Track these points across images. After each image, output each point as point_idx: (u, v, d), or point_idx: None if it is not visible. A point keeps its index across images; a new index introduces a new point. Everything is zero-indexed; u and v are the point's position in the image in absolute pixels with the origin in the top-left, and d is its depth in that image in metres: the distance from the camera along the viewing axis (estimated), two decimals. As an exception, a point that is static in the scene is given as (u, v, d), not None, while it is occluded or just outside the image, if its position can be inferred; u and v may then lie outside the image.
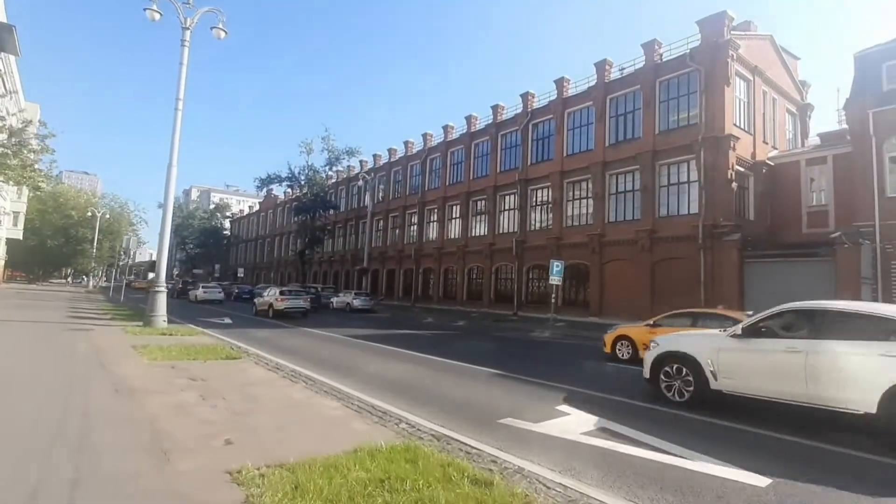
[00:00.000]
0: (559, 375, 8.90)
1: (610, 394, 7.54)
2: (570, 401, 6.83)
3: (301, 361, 9.63)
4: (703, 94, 20.60)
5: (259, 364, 8.58)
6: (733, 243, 19.27)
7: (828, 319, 5.89)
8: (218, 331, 15.08)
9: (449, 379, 8.56)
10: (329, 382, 7.18)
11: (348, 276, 45.49)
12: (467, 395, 7.28)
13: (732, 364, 6.39)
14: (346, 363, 10.06)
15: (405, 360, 10.68)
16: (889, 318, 5.50)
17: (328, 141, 43.18)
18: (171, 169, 13.62)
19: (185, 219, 78.28)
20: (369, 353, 11.90)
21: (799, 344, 5.84)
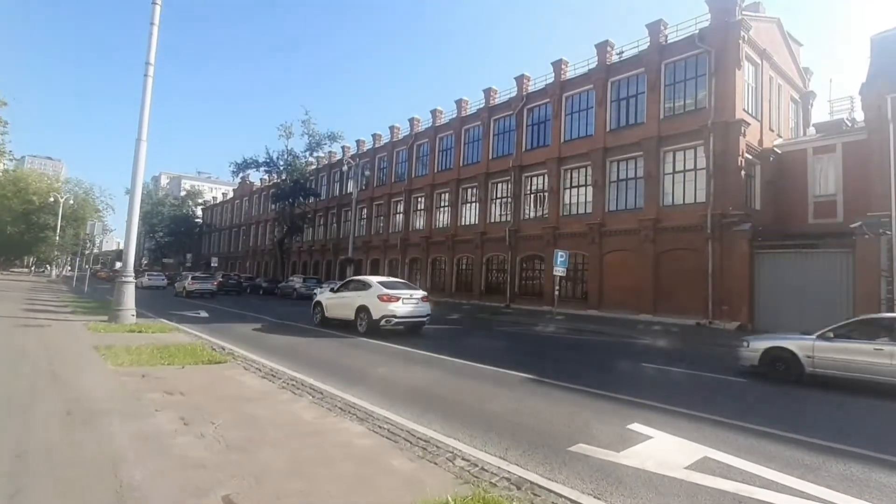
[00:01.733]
0: (604, 382, 7.77)
1: (681, 406, 6.40)
2: (641, 417, 5.68)
3: (298, 365, 8.24)
4: (712, 77, 19.72)
5: (250, 369, 7.16)
6: (743, 233, 18.57)
7: None
8: (194, 326, 13.44)
9: (476, 386, 7.29)
10: (340, 395, 5.84)
11: (330, 266, 43.71)
12: (509, 409, 6.01)
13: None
14: (349, 366, 8.70)
15: (415, 361, 9.40)
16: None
17: (309, 125, 41.13)
18: (139, 144, 11.86)
19: (154, 206, 74.40)
20: (370, 352, 10.56)
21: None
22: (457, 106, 32.84)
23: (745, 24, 19.48)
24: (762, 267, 18.42)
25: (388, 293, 13.42)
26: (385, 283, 14.24)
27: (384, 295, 13.32)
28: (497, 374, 8.23)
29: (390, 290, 13.66)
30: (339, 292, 15.31)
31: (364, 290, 13.95)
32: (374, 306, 13.27)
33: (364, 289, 13.99)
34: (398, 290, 13.91)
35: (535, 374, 8.11)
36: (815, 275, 17.14)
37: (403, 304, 13.43)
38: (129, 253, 12.34)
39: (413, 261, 35.44)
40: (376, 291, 13.49)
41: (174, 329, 11.83)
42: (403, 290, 14.09)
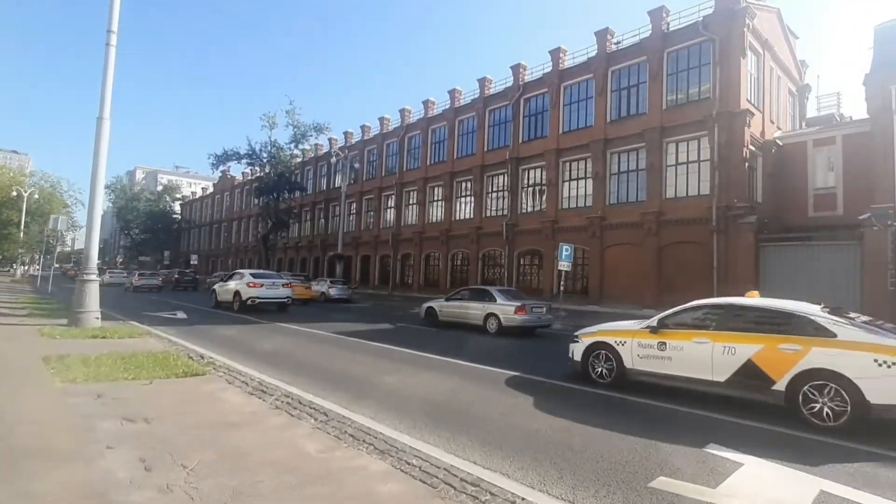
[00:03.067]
0: (639, 388, 6.82)
1: (740, 416, 5.47)
2: (709, 434, 4.72)
3: (291, 374, 7.13)
4: (716, 66, 19.02)
5: (234, 383, 6.00)
6: (749, 226, 17.94)
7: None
8: (169, 329, 12.15)
9: (502, 397, 6.25)
10: (349, 416, 4.75)
11: (318, 263, 42.26)
12: (554, 427, 4.95)
13: None
14: (350, 374, 7.59)
15: (425, 367, 8.32)
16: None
17: (293, 115, 39.38)
18: (102, 123, 10.50)
19: (128, 201, 71.53)
20: (371, 355, 9.46)
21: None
22: (450, 96, 31.71)
23: (751, 12, 18.83)
24: (768, 260, 17.83)
25: (254, 281, 18.61)
26: (254, 274, 19.68)
27: (252, 282, 18.48)
28: (518, 380, 7.22)
29: (257, 278, 18.93)
30: (224, 281, 20.59)
31: (240, 279, 19.29)
32: (243, 291, 18.40)
33: (240, 278, 19.34)
34: (264, 278, 19.18)
35: (558, 379, 7.12)
36: (822, 267, 16.60)
37: (268, 289, 18.46)
38: (91, 247, 10.97)
39: (405, 256, 34.28)
40: (247, 280, 18.75)
41: (145, 333, 10.52)
42: (268, 279, 19.37)
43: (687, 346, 6.40)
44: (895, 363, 4.97)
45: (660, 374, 6.60)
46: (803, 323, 5.75)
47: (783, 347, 5.64)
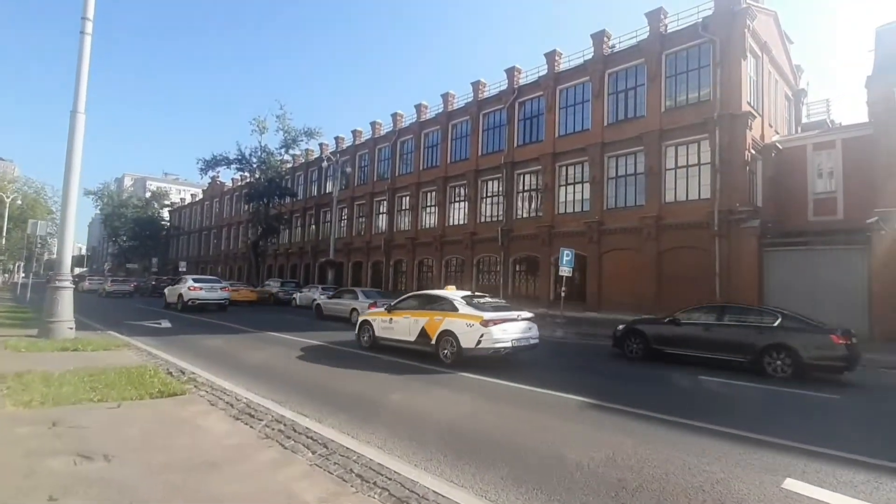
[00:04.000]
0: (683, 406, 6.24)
1: (807, 441, 4.85)
2: (782, 466, 4.13)
3: (283, 392, 6.48)
4: (717, 68, 18.75)
5: (217, 405, 5.33)
6: (752, 230, 17.60)
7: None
8: (150, 340, 11.41)
9: (528, 417, 5.53)
10: (354, 447, 4.06)
11: (308, 269, 41.42)
12: (600, 458, 4.23)
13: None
14: (350, 390, 6.92)
15: (435, 382, 7.65)
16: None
17: (284, 120, 38.74)
18: (76, 117, 9.80)
19: (115, 208, 69.97)
20: (372, 368, 8.79)
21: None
22: (443, 100, 31.28)
23: (751, 13, 18.62)
24: (772, 265, 17.48)
25: (195, 285, 21.96)
26: (195, 279, 23.12)
27: (192, 286, 21.80)
28: (545, 397, 6.54)
29: (197, 282, 22.30)
30: (173, 285, 23.86)
31: (184, 283, 22.53)
32: (185, 293, 21.51)
33: (184, 282, 22.59)
34: (203, 283, 22.54)
35: (594, 398, 6.42)
36: (828, 272, 16.28)
37: (206, 292, 21.83)
38: (64, 250, 10.23)
39: (398, 263, 33.63)
40: (189, 284, 22.01)
41: (123, 345, 9.77)
42: (207, 283, 22.61)
43: (399, 320, 10.65)
44: (472, 325, 9.14)
45: (389, 338, 10.86)
46: (447, 304, 9.91)
47: (436, 318, 9.79)
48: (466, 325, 9.21)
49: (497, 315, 9.47)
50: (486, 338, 8.95)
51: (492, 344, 8.97)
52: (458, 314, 9.51)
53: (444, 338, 9.48)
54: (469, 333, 9.11)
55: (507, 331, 9.29)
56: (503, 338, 9.14)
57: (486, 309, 9.64)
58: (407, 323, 10.28)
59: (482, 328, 9.01)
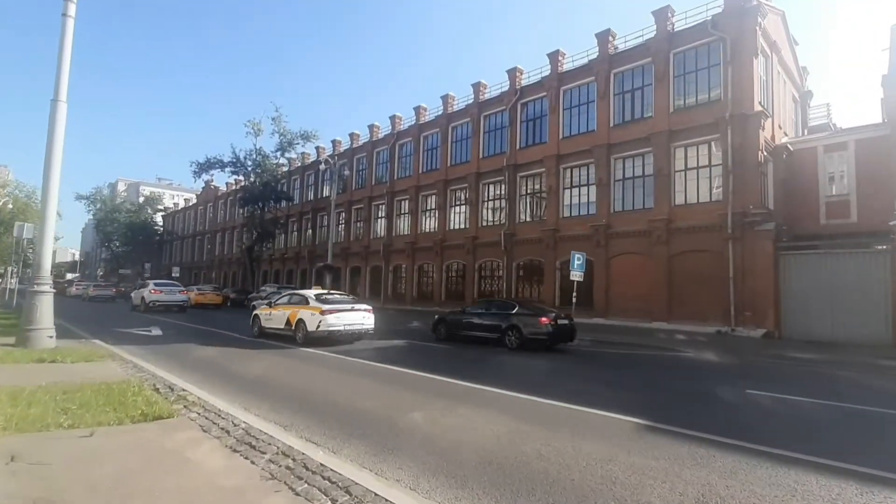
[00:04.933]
0: (743, 428, 5.50)
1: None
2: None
3: (288, 412, 5.76)
4: (728, 67, 18.28)
5: (211, 431, 4.58)
6: (767, 233, 17.05)
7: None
8: (138, 349, 10.61)
9: (590, 448, 4.68)
10: (383, 493, 3.27)
11: (305, 274, 40.54)
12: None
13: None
14: (364, 410, 6.11)
15: (458, 398, 6.78)
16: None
17: (279, 122, 38.11)
18: (57, 106, 9.08)
19: (108, 213, 68.71)
20: (383, 382, 8.02)
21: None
22: (443, 102, 30.71)
23: (762, 11, 18.19)
24: (788, 269, 16.92)
25: (156, 289, 25.23)
26: (157, 283, 26.90)
27: (154, 290, 24.96)
28: (599, 419, 5.66)
29: (158, 286, 25.71)
30: (138, 290, 27.06)
31: (146, 287, 25.71)
32: (147, 296, 24.66)
33: (146, 287, 25.85)
34: (164, 286, 26.02)
35: (644, 418, 5.59)
36: (848, 275, 15.73)
37: (166, 295, 24.89)
38: (43, 251, 9.41)
39: (396, 268, 32.89)
40: (150, 288, 25.23)
41: (106, 355, 8.96)
42: (167, 287, 26.09)
43: (276, 313, 13.82)
44: (314, 314, 12.36)
45: (270, 327, 13.86)
46: (304, 299, 13.24)
47: (296, 310, 12.96)
48: (311, 314, 12.57)
49: (334, 307, 12.71)
50: (323, 323, 12.25)
51: (327, 328, 12.28)
52: (308, 307, 12.87)
53: (299, 324, 12.76)
54: (312, 320, 12.45)
55: (340, 318, 12.54)
56: (336, 323, 12.43)
57: (328, 303, 12.88)
58: (280, 314, 13.64)
59: (321, 316, 12.34)
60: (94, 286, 38.50)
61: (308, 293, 13.84)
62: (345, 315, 12.61)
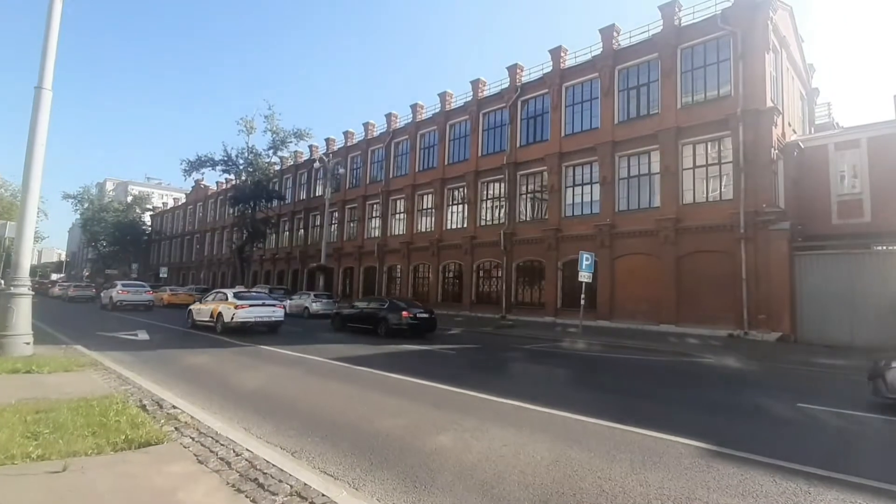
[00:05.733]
0: (809, 453, 4.90)
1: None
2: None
3: (296, 434, 5.03)
4: (739, 61, 17.83)
5: (209, 462, 3.83)
6: (782, 233, 16.58)
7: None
8: (124, 356, 9.78)
9: (658, 480, 4.07)
10: None
11: (297, 275, 39.61)
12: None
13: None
14: (384, 431, 5.32)
15: (487, 415, 6.02)
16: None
17: (272, 120, 37.06)
18: (41, 94, 8.25)
19: (96, 212, 66.90)
20: (399, 395, 7.20)
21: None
22: (440, 99, 30.01)
23: (773, 5, 17.77)
24: (804, 270, 16.44)
25: (123, 289, 26.97)
26: (124, 284, 28.61)
27: (121, 290, 26.83)
28: (652, 442, 4.94)
29: (125, 287, 27.53)
30: (108, 290, 28.66)
31: (114, 288, 27.48)
32: (115, 296, 26.18)
33: (114, 287, 27.64)
34: (130, 287, 27.82)
35: (703, 441, 4.91)
36: (867, 277, 15.26)
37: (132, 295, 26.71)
38: (22, 251, 8.55)
39: (391, 268, 32.10)
40: (118, 289, 26.87)
41: (88, 364, 8.13)
42: (133, 287, 27.86)
43: (203, 308, 16.59)
44: (230, 308, 15.24)
45: (200, 319, 16.52)
46: (224, 296, 16.23)
47: (217, 305, 15.77)
48: (228, 308, 15.40)
49: (246, 303, 15.72)
50: (236, 316, 15.18)
51: (240, 319, 15.20)
52: (226, 302, 15.69)
53: (218, 316, 15.55)
54: (228, 313, 15.30)
55: (251, 312, 15.53)
56: (247, 316, 15.37)
57: (242, 299, 15.98)
58: (206, 309, 16.42)
59: (235, 310, 15.27)
60: (75, 286, 38.47)
61: (228, 291, 17.07)
62: (255, 309, 15.70)
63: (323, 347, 12.71)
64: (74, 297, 35.44)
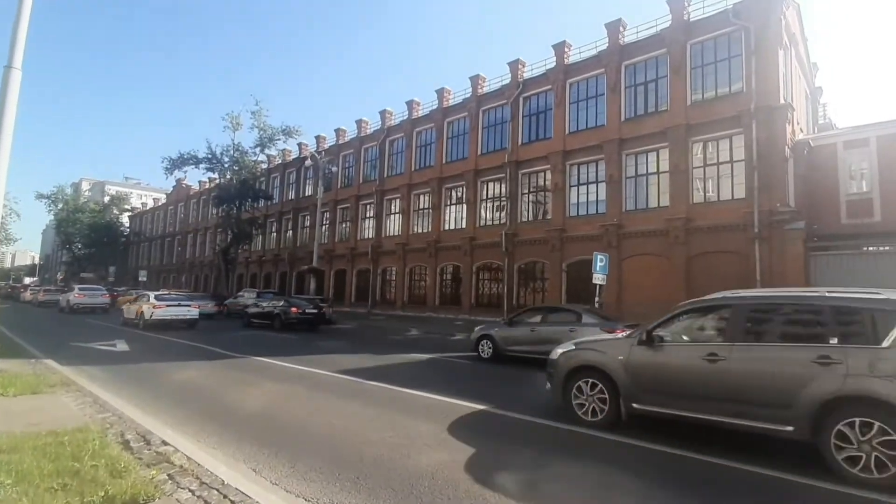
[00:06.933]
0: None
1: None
2: None
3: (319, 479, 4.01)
4: (751, 57, 17.30)
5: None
6: (797, 233, 16.08)
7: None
8: (101, 372, 8.61)
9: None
10: None
11: (285, 278, 38.20)
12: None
13: None
14: (422, 470, 4.44)
15: (560, 451, 5.14)
16: None
17: (259, 116, 35.68)
18: (10, 73, 7.17)
19: (70, 213, 64.17)
20: (432, 419, 6.09)
21: None
22: (437, 96, 29.08)
23: (786, 0, 17.31)
24: (821, 271, 15.95)
25: (79, 293, 27.90)
26: (80, 288, 29.48)
27: (77, 293, 27.73)
28: (734, 474, 4.22)
29: (81, 291, 28.36)
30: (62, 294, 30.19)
31: (69, 292, 28.75)
32: (72, 299, 27.09)
33: (72, 291, 28.71)
34: (87, 291, 28.64)
35: (805, 476, 4.14)
36: (884, 278, 14.80)
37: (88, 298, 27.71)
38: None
39: (385, 271, 31.02)
40: (75, 292, 27.96)
41: (59, 384, 6.96)
42: (90, 291, 28.85)
43: (131, 307, 19.57)
44: (150, 308, 18.23)
45: (128, 318, 19.41)
46: (147, 297, 19.03)
47: (140, 305, 18.92)
48: (148, 308, 18.01)
49: (164, 303, 18.41)
50: (154, 315, 17.77)
51: (159, 317, 17.85)
52: (148, 303, 18.31)
53: (141, 315, 18.10)
54: (147, 312, 17.93)
55: (167, 311, 18.22)
56: (165, 314, 18.03)
57: (161, 300, 18.70)
58: (133, 308, 18.93)
59: (154, 309, 17.95)
60: (45, 290, 37.74)
61: (151, 294, 19.81)
62: (172, 309, 18.47)
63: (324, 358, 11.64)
64: (44, 301, 34.50)
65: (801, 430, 4.35)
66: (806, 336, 4.76)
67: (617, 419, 5.60)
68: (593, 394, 5.78)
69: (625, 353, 5.63)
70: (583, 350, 6.10)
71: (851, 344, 4.32)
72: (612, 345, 5.99)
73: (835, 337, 4.42)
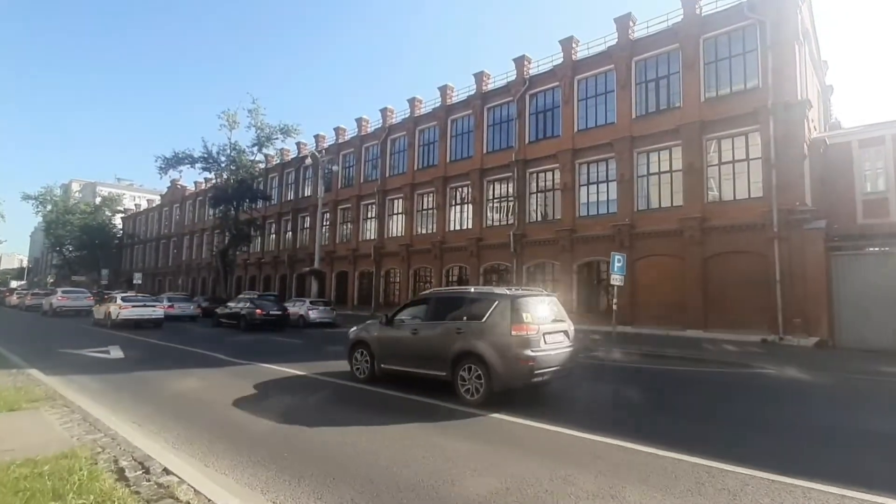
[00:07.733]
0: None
1: None
2: None
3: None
4: (767, 52, 16.81)
5: None
6: (818, 232, 15.55)
7: None
8: (92, 381, 7.90)
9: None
10: None
11: (285, 281, 37.39)
12: None
13: None
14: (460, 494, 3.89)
15: (632, 473, 4.63)
16: None
17: (257, 115, 34.89)
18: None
19: (61, 214, 62.83)
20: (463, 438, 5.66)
21: None
22: (440, 93, 28.46)
23: (803, -7, 16.86)
24: (842, 271, 15.42)
25: (63, 296, 28.37)
26: (64, 291, 30.40)
27: (61, 296, 28.05)
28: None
29: (64, 294, 28.93)
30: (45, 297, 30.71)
31: (52, 295, 29.30)
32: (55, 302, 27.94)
33: (55, 294, 29.27)
34: (70, 293, 29.56)
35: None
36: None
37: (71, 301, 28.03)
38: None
39: (389, 272, 30.32)
40: (58, 295, 28.30)
41: (42, 398, 6.22)
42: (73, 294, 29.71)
43: (101, 308, 21.34)
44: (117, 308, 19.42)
45: (98, 318, 21.07)
46: (115, 299, 20.61)
47: (108, 306, 20.33)
48: (115, 308, 19.16)
49: (129, 304, 19.55)
50: (120, 315, 18.90)
51: (125, 316, 18.96)
52: (115, 304, 19.54)
53: (108, 315, 19.37)
54: (115, 312, 19.06)
55: (133, 311, 19.25)
56: (131, 314, 19.15)
57: (127, 301, 19.83)
58: (102, 309, 20.28)
59: (120, 310, 19.03)
60: (32, 294, 37.00)
61: (118, 295, 21.40)
62: (137, 309, 19.54)
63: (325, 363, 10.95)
64: (32, 305, 33.52)
65: (448, 374, 7.06)
66: (456, 316, 7.29)
67: (373, 376, 8.23)
68: (362, 359, 8.49)
69: (378, 331, 8.31)
70: (359, 330, 8.81)
71: (472, 320, 7.04)
72: (373, 326, 8.56)
73: (466, 316, 7.15)
